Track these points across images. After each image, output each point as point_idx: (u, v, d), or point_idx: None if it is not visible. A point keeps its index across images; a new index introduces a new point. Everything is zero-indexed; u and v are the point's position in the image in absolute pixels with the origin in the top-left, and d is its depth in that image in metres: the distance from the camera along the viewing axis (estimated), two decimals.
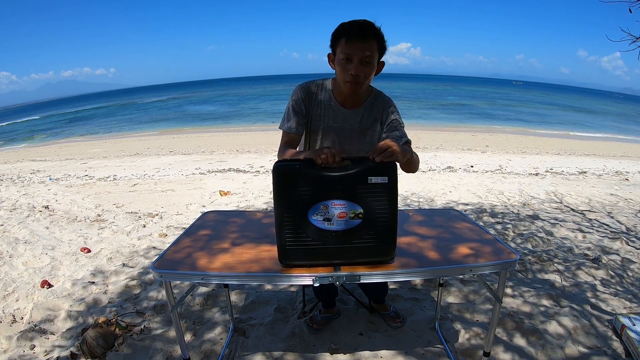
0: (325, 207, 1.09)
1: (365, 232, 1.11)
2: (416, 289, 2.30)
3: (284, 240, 1.12)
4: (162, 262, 1.24)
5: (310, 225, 1.10)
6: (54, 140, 16.23)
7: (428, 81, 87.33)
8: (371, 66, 1.36)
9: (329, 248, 1.12)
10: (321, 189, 1.09)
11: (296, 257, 1.14)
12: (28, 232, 3.42)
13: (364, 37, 1.31)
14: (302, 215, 1.10)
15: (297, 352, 1.74)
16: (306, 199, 1.09)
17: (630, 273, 2.52)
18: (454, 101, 30.44)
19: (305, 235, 1.11)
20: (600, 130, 16.63)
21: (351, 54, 1.32)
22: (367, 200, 1.09)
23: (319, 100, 1.51)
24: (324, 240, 1.11)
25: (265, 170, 6.47)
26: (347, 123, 1.51)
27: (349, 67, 1.34)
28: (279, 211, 1.11)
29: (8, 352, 1.78)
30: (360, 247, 1.13)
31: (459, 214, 1.70)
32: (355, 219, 1.10)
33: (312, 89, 1.51)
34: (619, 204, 4.26)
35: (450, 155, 8.20)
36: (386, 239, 1.13)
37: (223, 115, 22.62)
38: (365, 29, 1.32)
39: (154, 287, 2.37)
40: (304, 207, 1.09)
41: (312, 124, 1.53)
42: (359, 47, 1.32)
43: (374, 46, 1.33)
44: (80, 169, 7.52)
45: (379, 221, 1.11)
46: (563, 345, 1.76)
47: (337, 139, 1.53)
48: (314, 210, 1.09)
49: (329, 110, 1.50)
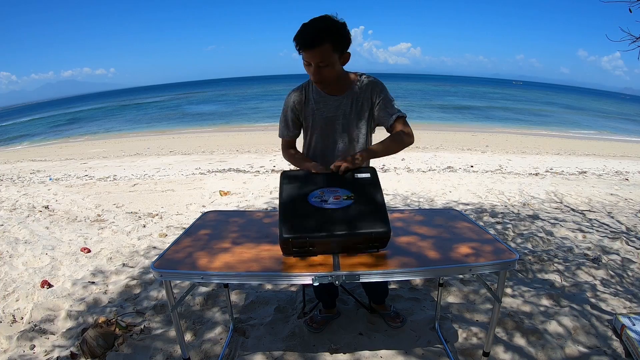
0: (322, 193, 1.31)
1: (357, 208, 1.27)
2: (416, 289, 2.31)
3: (287, 217, 1.24)
4: (162, 261, 1.25)
5: (310, 205, 1.27)
6: (54, 140, 16.23)
7: (428, 81, 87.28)
8: (329, 67, 1.40)
9: (326, 221, 1.23)
10: (319, 182, 1.36)
11: (298, 229, 1.21)
12: (28, 232, 3.42)
13: (314, 44, 1.33)
14: (303, 199, 1.29)
15: (297, 352, 1.74)
16: (306, 190, 1.32)
17: (630, 273, 2.52)
18: (454, 101, 30.43)
19: (306, 213, 1.25)
20: (600, 130, 16.63)
21: (307, 60, 1.39)
22: (357, 187, 1.33)
23: (309, 98, 1.57)
24: (321, 214, 1.25)
25: (265, 170, 6.48)
26: (340, 109, 1.55)
27: (310, 69, 1.41)
28: (283, 198, 1.29)
29: (8, 352, 1.78)
30: (353, 219, 1.24)
31: (459, 213, 1.70)
32: (347, 200, 1.29)
33: (299, 92, 1.58)
34: (619, 204, 4.26)
35: (450, 155, 8.20)
36: (376, 213, 1.26)
37: (223, 115, 22.62)
38: (314, 35, 1.32)
39: (154, 287, 2.37)
40: (304, 195, 1.30)
41: (309, 120, 1.58)
42: (311, 55, 1.36)
43: (326, 49, 1.35)
44: (80, 169, 7.52)
45: (368, 202, 1.30)
46: (563, 345, 1.76)
47: (335, 129, 1.57)
48: (312, 195, 1.30)
49: (320, 102, 1.56)
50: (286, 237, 1.19)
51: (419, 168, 6.48)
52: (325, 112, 1.56)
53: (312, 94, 1.56)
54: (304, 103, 1.57)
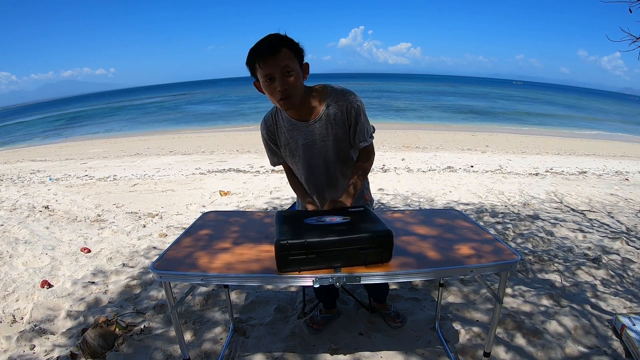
0: (318, 218, 1.29)
1: (354, 223, 1.26)
2: (416, 289, 2.30)
3: (284, 229, 1.21)
4: (162, 262, 1.24)
5: (307, 224, 1.26)
6: (54, 140, 16.23)
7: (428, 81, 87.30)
8: (295, 74, 1.30)
9: (325, 230, 1.20)
10: (315, 212, 1.38)
11: (296, 236, 1.14)
12: (28, 232, 3.42)
13: (275, 51, 1.25)
14: (299, 221, 1.28)
15: (297, 352, 1.74)
16: (302, 216, 1.32)
17: (631, 273, 2.51)
18: (454, 101, 30.43)
19: (303, 227, 1.23)
20: (600, 130, 16.63)
21: (270, 72, 1.28)
22: (351, 214, 1.32)
23: (279, 127, 1.50)
24: (319, 227, 1.23)
25: (265, 170, 6.47)
26: (315, 135, 1.45)
27: (274, 85, 1.29)
28: (279, 224, 1.26)
29: (8, 352, 1.78)
30: (354, 226, 1.23)
31: (460, 214, 1.70)
32: (343, 220, 1.28)
33: (270, 122, 1.52)
34: (619, 204, 4.26)
35: (450, 155, 8.20)
36: (375, 222, 1.25)
37: (223, 115, 22.63)
38: (272, 42, 1.27)
39: (154, 287, 2.37)
40: (301, 218, 1.30)
41: (287, 149, 1.52)
42: (274, 62, 1.26)
43: (288, 54, 1.27)
44: (80, 169, 7.52)
45: (365, 219, 1.29)
46: (563, 345, 1.75)
47: (315, 155, 1.50)
48: (309, 220, 1.29)
49: (292, 131, 1.47)
50: (283, 243, 1.10)
51: (419, 168, 6.48)
52: (301, 140, 1.47)
53: (283, 122, 1.47)
54: (276, 133, 1.51)
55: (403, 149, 9.25)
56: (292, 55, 1.29)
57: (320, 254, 1.13)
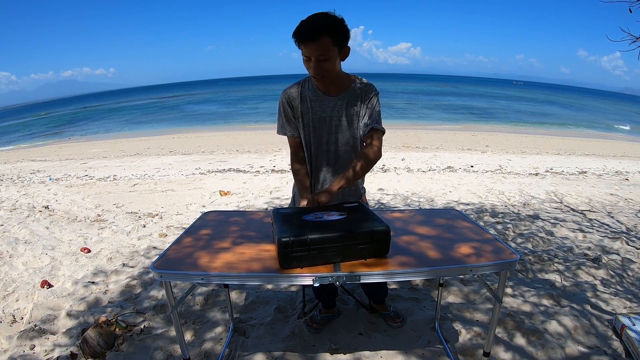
0: (315, 215, 1.32)
1: (352, 219, 1.30)
2: (416, 289, 2.30)
3: (284, 228, 1.23)
4: (162, 262, 1.24)
5: (306, 221, 1.28)
6: (54, 140, 16.23)
7: (428, 81, 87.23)
8: (329, 61, 1.39)
9: (324, 227, 1.24)
10: (312, 209, 1.40)
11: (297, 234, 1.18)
12: (28, 232, 3.42)
13: (314, 38, 1.33)
14: (298, 218, 1.30)
15: (297, 352, 1.74)
16: (301, 213, 1.34)
17: (631, 273, 2.52)
18: (454, 101, 30.44)
19: (302, 224, 1.26)
20: (600, 130, 16.63)
21: (307, 54, 1.38)
22: (348, 211, 1.36)
23: (303, 97, 1.56)
24: (318, 224, 1.26)
25: (265, 170, 6.48)
26: (334, 111, 1.55)
27: (310, 64, 1.41)
28: (278, 222, 1.28)
29: (8, 352, 1.78)
30: (351, 223, 1.26)
31: (460, 214, 1.70)
32: (341, 216, 1.32)
33: (294, 90, 1.57)
34: (619, 203, 4.26)
35: (450, 155, 8.20)
36: (373, 218, 1.29)
37: (223, 115, 22.62)
38: (313, 28, 1.33)
39: (154, 287, 2.37)
40: (299, 215, 1.33)
41: (304, 118, 1.57)
42: (312, 48, 1.36)
43: (326, 42, 1.35)
44: (80, 169, 7.52)
45: (361, 216, 1.32)
46: (563, 345, 1.75)
47: (328, 129, 1.57)
48: (307, 217, 1.31)
49: (315, 101, 1.55)
50: (285, 240, 1.13)
51: (419, 168, 6.49)
52: (319, 112, 1.55)
53: (309, 92, 1.55)
54: (299, 100, 1.56)
55: (403, 148, 9.25)
56: (331, 43, 1.36)
57: (322, 250, 1.18)
